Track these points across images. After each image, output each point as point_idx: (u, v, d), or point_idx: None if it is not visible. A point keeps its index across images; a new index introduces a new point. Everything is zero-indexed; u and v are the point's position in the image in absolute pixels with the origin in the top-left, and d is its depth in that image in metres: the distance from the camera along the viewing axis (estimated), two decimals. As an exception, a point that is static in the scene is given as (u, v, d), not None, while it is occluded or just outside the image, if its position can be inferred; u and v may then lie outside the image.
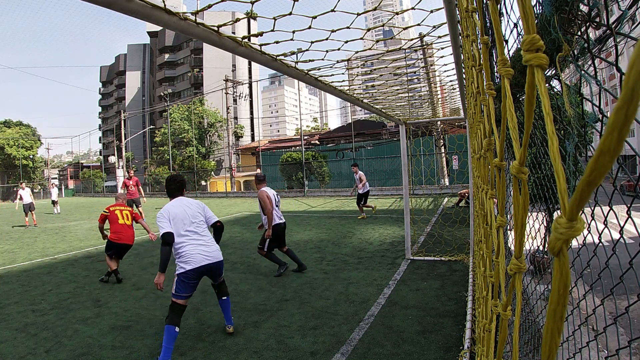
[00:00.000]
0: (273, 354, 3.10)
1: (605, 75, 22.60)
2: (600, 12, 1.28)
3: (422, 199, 15.13)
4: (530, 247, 4.17)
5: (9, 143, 41.69)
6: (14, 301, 4.69)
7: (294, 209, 14.09)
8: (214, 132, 39.67)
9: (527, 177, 0.53)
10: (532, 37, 0.39)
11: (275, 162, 23.83)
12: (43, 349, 3.35)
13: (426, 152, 17.88)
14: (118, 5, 1.19)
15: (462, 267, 5.24)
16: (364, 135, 25.14)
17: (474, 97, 1.57)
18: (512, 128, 0.51)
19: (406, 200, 6.17)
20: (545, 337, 0.34)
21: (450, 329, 3.37)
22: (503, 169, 0.78)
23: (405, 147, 5.99)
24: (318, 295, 4.43)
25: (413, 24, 1.74)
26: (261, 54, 1.91)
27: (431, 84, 4.88)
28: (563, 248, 0.31)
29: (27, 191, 13.21)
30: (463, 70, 2.76)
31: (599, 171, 0.26)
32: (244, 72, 52.84)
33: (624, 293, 3.76)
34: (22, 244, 9.02)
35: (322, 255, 6.43)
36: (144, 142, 59.45)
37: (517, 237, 0.52)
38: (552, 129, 0.37)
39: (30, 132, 44.59)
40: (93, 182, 41.88)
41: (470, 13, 1.14)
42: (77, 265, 6.55)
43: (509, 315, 0.72)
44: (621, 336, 3.07)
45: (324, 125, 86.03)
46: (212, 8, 1.60)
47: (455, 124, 18.14)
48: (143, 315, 4.06)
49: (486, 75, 0.91)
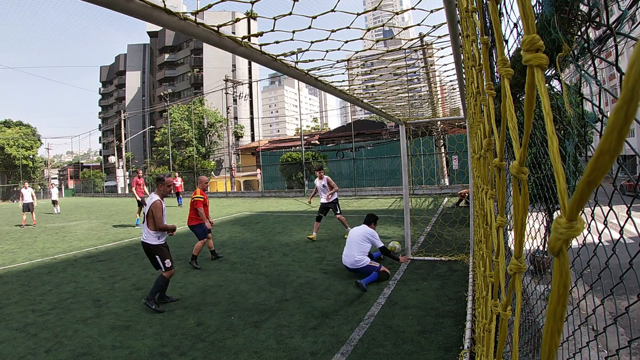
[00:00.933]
0: (273, 354, 3.10)
1: (605, 75, 22.60)
2: (600, 12, 1.28)
3: (422, 199, 15.13)
4: (530, 247, 4.17)
5: (9, 143, 41.71)
6: (14, 301, 4.69)
7: (294, 209, 14.09)
8: (214, 132, 39.69)
9: (527, 177, 0.53)
10: (532, 37, 0.39)
11: (275, 162, 23.82)
12: (43, 349, 3.35)
13: (426, 152, 17.87)
14: (118, 5, 1.19)
15: (462, 267, 5.24)
16: (364, 135, 25.13)
17: (474, 97, 1.57)
18: (511, 128, 0.51)
19: (406, 200, 6.17)
20: (545, 337, 0.34)
21: (450, 329, 3.37)
22: (503, 169, 0.78)
23: (405, 147, 5.99)
24: (318, 295, 4.43)
25: (413, 24, 1.74)
26: (261, 54, 1.91)
27: (431, 84, 4.88)
28: (563, 248, 0.31)
29: (28, 190, 13.51)
30: (463, 70, 2.76)
31: (598, 171, 0.26)
32: (244, 72, 52.86)
33: (624, 293, 3.76)
34: (22, 244, 9.02)
35: (322, 255, 6.43)
36: (144, 142, 59.46)
37: (517, 237, 0.52)
38: (551, 129, 0.37)
39: (30, 132, 44.60)
40: (93, 182, 41.87)
41: (470, 13, 1.14)
42: (77, 265, 6.55)
43: (509, 315, 0.72)
44: (621, 336, 3.08)
45: (324, 125, 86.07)
46: (212, 8, 1.60)
47: (455, 124, 18.15)
48: (143, 315, 4.06)
49: (486, 75, 0.91)
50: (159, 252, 4.24)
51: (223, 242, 8.00)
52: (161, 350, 3.23)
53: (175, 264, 4.36)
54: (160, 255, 4.23)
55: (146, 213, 4.24)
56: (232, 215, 13.05)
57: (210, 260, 6.50)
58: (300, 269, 5.63)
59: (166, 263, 4.22)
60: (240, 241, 8.09)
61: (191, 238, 8.70)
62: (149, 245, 4.22)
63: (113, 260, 6.72)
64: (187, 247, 7.64)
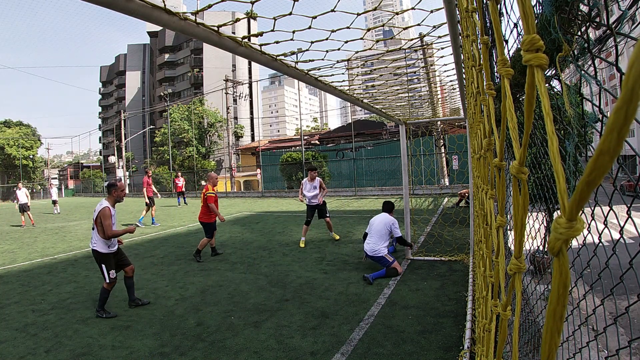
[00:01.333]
0: (273, 354, 3.10)
1: (605, 76, 22.60)
2: (600, 12, 1.28)
3: (422, 199, 15.13)
4: (530, 247, 4.17)
5: (9, 143, 41.69)
6: (14, 301, 4.69)
7: (294, 209, 14.09)
8: (214, 132, 39.66)
9: (527, 177, 0.53)
10: (532, 37, 0.39)
11: (275, 162, 23.81)
12: (43, 348, 3.35)
13: (426, 152, 17.87)
14: (118, 5, 1.19)
15: (462, 267, 5.24)
16: (364, 135, 25.13)
17: (474, 97, 1.57)
18: (511, 128, 0.51)
19: (406, 200, 6.17)
20: (544, 337, 0.34)
21: (450, 329, 3.37)
22: (503, 169, 0.78)
23: (405, 147, 5.99)
24: (318, 295, 4.43)
25: (413, 24, 1.74)
26: (261, 54, 1.91)
27: (431, 84, 4.88)
28: (562, 248, 0.31)
29: (22, 191, 13.55)
30: (463, 70, 2.76)
31: (598, 171, 0.26)
32: (244, 72, 52.84)
33: (624, 293, 3.76)
34: (22, 244, 9.02)
35: (322, 255, 6.43)
36: (144, 142, 59.44)
37: (517, 237, 0.52)
38: (551, 129, 0.37)
39: (30, 132, 44.57)
40: (93, 182, 41.85)
41: (470, 13, 1.14)
42: (77, 265, 6.55)
43: (509, 315, 0.72)
44: (621, 336, 3.08)
45: (324, 125, 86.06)
46: (212, 8, 1.60)
47: (455, 124, 18.15)
48: (143, 315, 4.06)
49: (486, 76, 0.91)
50: (106, 261, 4.10)
51: (223, 242, 8.00)
52: (161, 350, 3.23)
53: (118, 277, 4.25)
54: (107, 264, 4.10)
55: (95, 219, 4.10)
56: (232, 215, 13.05)
57: (210, 256, 6.60)
58: (300, 269, 5.63)
59: (110, 274, 4.08)
60: (240, 241, 8.09)
61: (191, 238, 8.70)
62: (97, 252, 4.10)
63: (113, 260, 6.72)
64: (187, 247, 7.64)
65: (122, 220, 13.08)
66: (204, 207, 6.43)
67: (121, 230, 4.16)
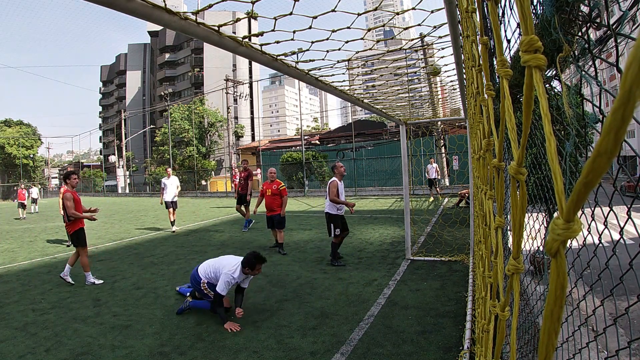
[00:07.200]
0: (273, 354, 3.10)
1: (605, 76, 22.58)
2: (600, 13, 1.28)
3: (422, 199, 15.12)
4: (530, 248, 4.16)
5: (9, 142, 41.76)
6: (14, 300, 4.69)
7: (294, 209, 14.09)
8: (214, 131, 39.68)
9: (527, 178, 0.53)
10: (531, 38, 0.39)
11: (275, 162, 23.80)
12: (43, 348, 3.36)
13: (426, 152, 17.86)
14: (118, 5, 1.19)
15: (462, 268, 5.24)
16: (364, 135, 25.12)
17: (474, 98, 1.57)
18: (510, 129, 0.51)
19: (406, 201, 6.17)
20: (542, 338, 0.34)
21: (450, 329, 3.37)
22: (502, 170, 0.78)
23: (405, 147, 5.99)
24: (318, 295, 4.43)
25: (414, 24, 1.74)
26: (262, 54, 1.91)
27: (431, 84, 4.88)
28: (560, 249, 0.31)
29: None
30: (463, 70, 2.76)
31: (595, 172, 0.26)
32: (245, 72, 52.84)
33: (624, 294, 3.75)
34: (22, 243, 9.03)
35: (322, 255, 6.42)
36: (144, 142, 59.47)
37: (515, 238, 0.52)
38: (549, 130, 0.37)
39: (30, 132, 44.64)
40: (93, 181, 41.85)
41: (470, 14, 1.14)
42: (77, 264, 6.54)
43: (507, 315, 0.72)
44: (621, 337, 3.07)
45: (324, 125, 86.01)
46: (212, 8, 1.60)
47: (455, 124, 18.14)
48: (143, 315, 4.06)
49: (486, 76, 0.91)
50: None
51: (223, 242, 8.00)
52: (161, 350, 3.23)
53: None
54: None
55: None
56: (232, 215, 13.05)
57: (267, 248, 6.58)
58: (300, 269, 5.63)
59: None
60: (240, 241, 8.09)
61: (191, 238, 8.71)
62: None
63: (113, 260, 6.73)
64: (187, 246, 7.64)
65: (121, 220, 13.07)
66: (277, 200, 6.97)
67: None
